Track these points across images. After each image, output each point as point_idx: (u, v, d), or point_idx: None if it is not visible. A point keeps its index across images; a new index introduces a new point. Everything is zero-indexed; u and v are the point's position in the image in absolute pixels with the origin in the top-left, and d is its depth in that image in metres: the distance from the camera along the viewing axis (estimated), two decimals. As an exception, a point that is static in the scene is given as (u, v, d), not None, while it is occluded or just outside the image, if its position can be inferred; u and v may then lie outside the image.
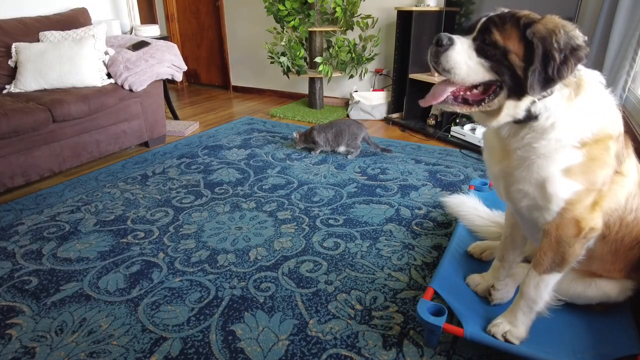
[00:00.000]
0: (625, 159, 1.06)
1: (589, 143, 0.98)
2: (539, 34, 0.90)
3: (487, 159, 1.19)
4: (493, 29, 0.94)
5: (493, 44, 0.94)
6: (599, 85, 1.01)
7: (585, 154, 0.99)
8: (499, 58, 0.94)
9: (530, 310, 1.18)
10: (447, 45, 0.96)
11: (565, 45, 0.89)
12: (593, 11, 2.83)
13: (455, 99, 1.02)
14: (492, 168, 1.15)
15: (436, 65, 0.98)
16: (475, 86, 0.99)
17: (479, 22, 0.99)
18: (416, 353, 1.26)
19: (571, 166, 0.99)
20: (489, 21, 0.96)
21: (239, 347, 1.28)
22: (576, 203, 1.02)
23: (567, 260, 1.09)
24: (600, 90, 1.01)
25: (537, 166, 1.01)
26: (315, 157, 2.86)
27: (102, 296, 1.51)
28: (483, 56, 0.95)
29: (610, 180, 1.04)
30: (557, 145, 0.98)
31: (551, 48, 0.89)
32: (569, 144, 0.98)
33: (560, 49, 0.89)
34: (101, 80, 2.78)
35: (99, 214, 2.09)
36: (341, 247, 1.81)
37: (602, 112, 0.99)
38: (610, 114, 1.01)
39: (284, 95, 4.77)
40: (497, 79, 0.96)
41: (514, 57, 0.93)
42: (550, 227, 1.07)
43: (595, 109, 0.98)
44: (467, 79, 0.97)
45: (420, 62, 3.51)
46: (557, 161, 0.99)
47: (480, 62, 0.95)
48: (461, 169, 2.61)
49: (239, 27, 4.78)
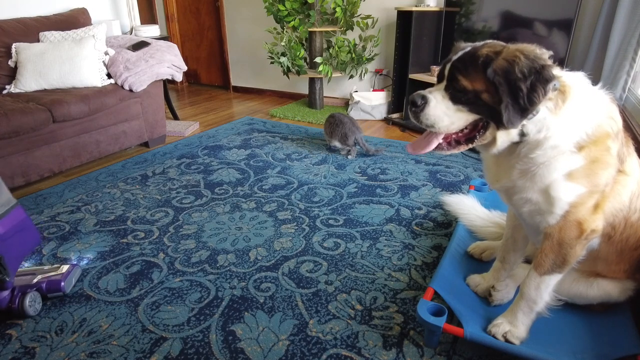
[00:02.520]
0: (626, 157, 1.06)
1: (587, 145, 0.98)
2: (500, 69, 0.90)
3: (487, 177, 1.20)
4: (458, 76, 0.95)
5: (463, 90, 0.95)
6: (586, 86, 1.01)
7: (586, 157, 0.98)
8: (473, 101, 0.95)
9: (530, 310, 1.18)
10: (422, 105, 0.98)
11: (529, 71, 0.89)
12: (593, 11, 2.84)
13: (448, 144, 1.05)
14: (493, 185, 1.16)
15: (419, 124, 1.00)
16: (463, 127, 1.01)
17: (445, 67, 1.00)
18: (416, 353, 1.26)
19: (573, 170, 0.99)
20: (453, 68, 0.97)
21: (239, 347, 1.28)
22: (579, 205, 1.02)
23: (567, 262, 1.09)
24: (588, 90, 1.01)
25: (539, 175, 1.01)
26: (315, 157, 2.86)
27: (102, 296, 1.51)
28: (459, 103, 0.97)
29: (613, 180, 1.03)
30: (554, 152, 0.99)
31: (516, 79, 0.89)
32: (566, 149, 0.98)
33: (525, 77, 0.89)
34: (101, 80, 2.78)
35: (99, 214, 2.09)
36: (341, 247, 1.81)
37: (594, 111, 0.99)
38: (604, 111, 1.00)
39: (284, 96, 4.77)
40: (480, 117, 0.98)
41: (486, 96, 0.94)
42: (553, 230, 1.07)
43: (586, 110, 0.98)
44: (452, 127, 0.99)
45: (420, 62, 3.51)
46: (557, 168, 0.99)
47: (459, 109, 0.97)
48: (461, 169, 2.61)
49: (239, 27, 4.78)
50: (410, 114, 1.01)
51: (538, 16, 2.91)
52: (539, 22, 2.92)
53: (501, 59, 0.91)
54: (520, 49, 0.92)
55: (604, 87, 1.04)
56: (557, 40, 2.83)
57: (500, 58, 0.91)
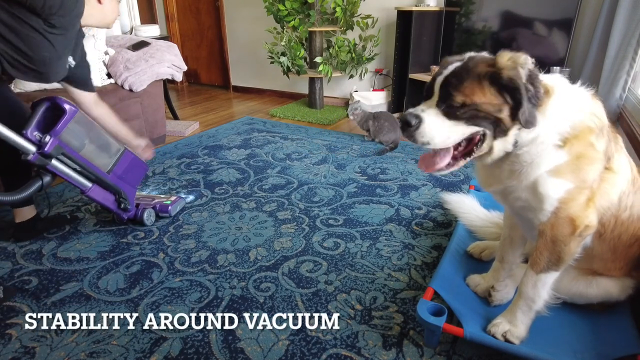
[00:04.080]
0: (613, 154, 1.06)
1: (570, 139, 0.99)
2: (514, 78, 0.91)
3: (479, 182, 1.22)
4: (453, 92, 0.94)
5: (461, 105, 0.94)
6: (566, 85, 1.03)
7: (569, 152, 0.99)
8: (472, 114, 0.95)
9: (529, 309, 1.18)
10: (416, 124, 0.97)
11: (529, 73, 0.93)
12: (593, 11, 2.84)
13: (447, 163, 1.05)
14: (486, 189, 1.18)
15: (415, 143, 1.00)
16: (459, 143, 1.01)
17: (434, 84, 0.99)
18: (416, 353, 1.26)
19: (558, 166, 1.00)
20: (446, 84, 0.96)
21: (239, 347, 1.28)
22: (569, 201, 1.02)
23: (563, 259, 1.09)
24: (569, 88, 1.03)
25: (525, 173, 1.02)
26: (315, 157, 2.86)
27: (102, 296, 1.51)
28: (455, 118, 0.96)
29: (600, 177, 1.04)
30: (539, 148, 0.99)
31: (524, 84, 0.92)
32: (551, 143, 0.99)
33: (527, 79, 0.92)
34: (101, 80, 2.78)
35: (99, 214, 2.09)
36: (341, 247, 1.81)
37: (576, 107, 1.00)
38: (586, 107, 1.01)
39: (284, 95, 4.77)
40: (478, 129, 0.97)
41: (486, 106, 0.94)
42: (545, 227, 1.07)
43: (568, 106, 0.99)
44: (448, 141, 0.99)
45: (420, 62, 3.51)
46: (542, 164, 1.01)
47: (455, 124, 0.96)
48: (461, 169, 2.60)
49: (239, 27, 4.78)
50: (404, 133, 1.00)
51: (538, 16, 2.91)
52: (539, 22, 2.92)
53: (506, 69, 0.92)
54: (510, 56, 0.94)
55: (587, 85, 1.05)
56: (557, 40, 2.83)
57: (505, 68, 0.92)
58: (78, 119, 1.64)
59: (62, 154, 1.59)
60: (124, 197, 1.86)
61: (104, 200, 1.82)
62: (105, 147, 1.80)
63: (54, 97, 1.60)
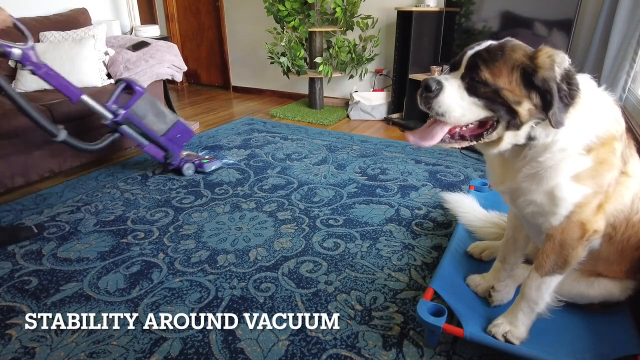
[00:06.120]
0: (629, 158, 1.06)
1: (596, 147, 0.97)
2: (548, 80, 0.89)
3: (491, 179, 1.19)
4: (482, 67, 0.92)
5: (484, 82, 0.92)
6: (593, 88, 1.01)
7: (594, 159, 0.98)
8: (491, 96, 0.92)
9: (531, 311, 1.18)
10: (436, 91, 0.93)
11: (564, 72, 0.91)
12: (593, 11, 2.84)
13: (452, 137, 1.00)
14: (497, 187, 1.15)
15: (429, 110, 0.95)
16: None
17: (463, 56, 0.96)
18: (416, 353, 1.26)
19: (580, 172, 0.99)
20: (477, 57, 0.93)
21: (239, 347, 1.28)
22: (584, 206, 1.02)
23: (569, 263, 1.09)
24: (596, 92, 1.01)
25: (546, 178, 1.00)
26: (315, 157, 2.86)
27: (102, 296, 1.51)
28: (475, 95, 0.93)
29: (616, 181, 1.03)
30: (562, 155, 0.98)
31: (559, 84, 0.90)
32: (575, 152, 0.97)
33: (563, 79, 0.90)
34: (101, 80, 2.78)
35: (99, 214, 2.09)
36: (341, 247, 1.81)
37: (603, 114, 0.99)
38: (611, 113, 1.00)
39: (284, 96, 4.77)
40: (493, 115, 0.95)
41: (507, 94, 0.91)
42: (555, 232, 1.07)
43: (596, 113, 0.98)
44: (462, 119, 0.95)
45: (420, 62, 3.51)
46: (564, 169, 0.99)
47: (474, 102, 0.94)
48: (461, 169, 2.60)
49: (239, 27, 4.78)
50: (421, 99, 0.95)
51: (538, 16, 2.91)
52: (539, 22, 2.92)
53: (542, 69, 0.90)
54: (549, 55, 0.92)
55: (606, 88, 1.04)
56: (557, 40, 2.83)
57: (541, 68, 0.90)
58: (144, 97, 2.31)
59: (129, 122, 2.26)
60: (170, 154, 2.46)
61: (155, 154, 2.45)
62: (162, 117, 2.42)
63: (129, 80, 2.31)
